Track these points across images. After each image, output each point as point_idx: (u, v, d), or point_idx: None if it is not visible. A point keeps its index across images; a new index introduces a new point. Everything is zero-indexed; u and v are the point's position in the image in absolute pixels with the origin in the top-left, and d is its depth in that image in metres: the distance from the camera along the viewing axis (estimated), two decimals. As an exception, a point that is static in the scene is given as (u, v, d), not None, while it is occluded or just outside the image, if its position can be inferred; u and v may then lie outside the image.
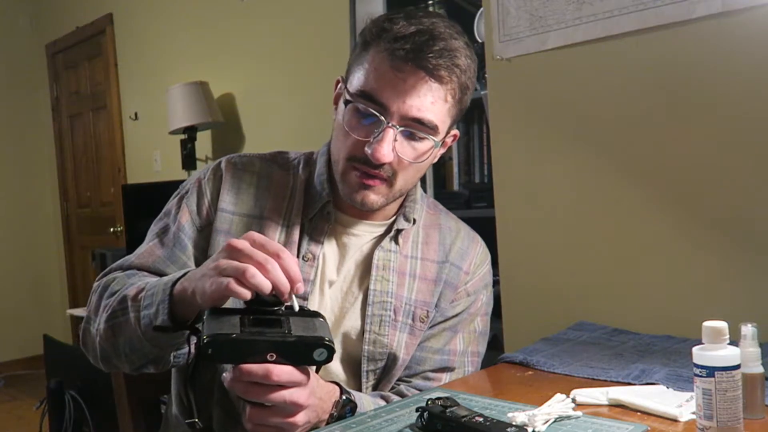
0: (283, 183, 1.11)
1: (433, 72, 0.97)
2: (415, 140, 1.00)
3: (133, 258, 1.08)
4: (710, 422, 0.77)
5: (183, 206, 1.09)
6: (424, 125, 0.99)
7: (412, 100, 0.97)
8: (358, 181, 1.01)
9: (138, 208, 3.44)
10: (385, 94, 0.97)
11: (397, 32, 0.97)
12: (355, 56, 1.03)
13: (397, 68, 0.96)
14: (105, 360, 1.01)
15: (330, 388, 0.95)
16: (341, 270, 1.09)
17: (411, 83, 0.96)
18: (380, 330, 1.07)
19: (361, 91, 0.99)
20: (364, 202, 1.02)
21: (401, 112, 0.97)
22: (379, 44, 0.98)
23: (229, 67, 3.41)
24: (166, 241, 1.07)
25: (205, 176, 1.11)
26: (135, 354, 0.96)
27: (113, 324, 0.97)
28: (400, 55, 0.96)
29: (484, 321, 1.18)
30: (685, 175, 1.40)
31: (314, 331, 0.83)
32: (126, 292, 0.97)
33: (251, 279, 0.80)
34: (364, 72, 0.99)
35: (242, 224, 1.07)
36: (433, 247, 1.14)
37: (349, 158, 1.01)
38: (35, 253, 5.02)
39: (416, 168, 1.04)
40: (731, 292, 1.35)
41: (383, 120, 0.97)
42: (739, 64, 1.32)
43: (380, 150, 0.96)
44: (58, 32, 4.78)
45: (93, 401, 2.67)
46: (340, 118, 1.03)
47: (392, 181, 1.02)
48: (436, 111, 0.99)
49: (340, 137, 1.03)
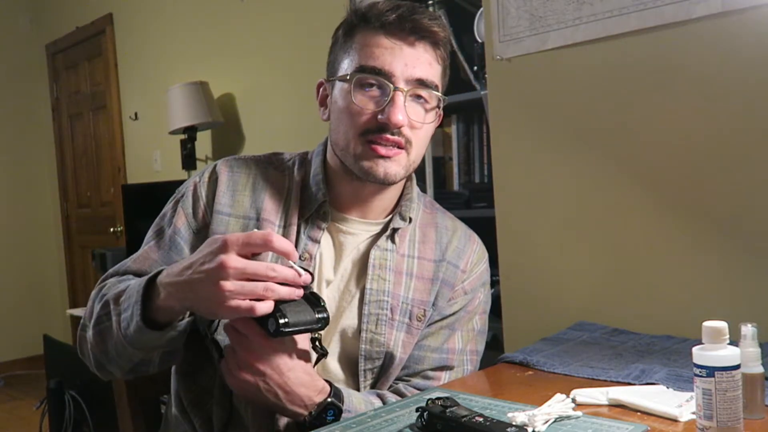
0: (279, 184, 1.11)
1: (428, 29, 1.02)
2: (420, 101, 1.03)
3: (130, 262, 1.09)
4: (710, 422, 0.77)
5: (179, 209, 1.10)
6: (427, 85, 1.02)
7: (413, 62, 1.01)
8: (376, 154, 1.01)
9: (138, 208, 3.44)
10: (386, 61, 1.00)
11: (381, 8, 1.02)
12: (338, 47, 1.07)
13: (392, 35, 1.01)
14: (99, 367, 1.03)
15: (320, 386, 0.96)
16: (338, 269, 1.09)
17: (407, 46, 1.01)
18: (377, 329, 1.07)
19: (360, 66, 1.01)
20: (387, 173, 1.02)
21: (405, 75, 1.00)
22: (366, 23, 1.03)
23: (229, 67, 3.41)
24: (162, 245, 1.08)
25: (200, 179, 1.11)
26: (122, 358, 0.98)
27: (100, 329, 0.99)
28: (392, 21, 1.00)
29: (482, 319, 1.19)
30: (684, 174, 1.40)
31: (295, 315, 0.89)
32: (108, 297, 0.99)
33: (270, 294, 0.85)
34: (357, 51, 1.03)
35: (238, 226, 1.07)
36: (429, 246, 1.14)
37: (363, 133, 1.02)
38: (35, 253, 5.01)
39: (427, 133, 1.06)
40: (731, 292, 1.35)
41: (390, 86, 1.00)
42: (739, 64, 1.32)
43: (395, 113, 0.99)
44: (58, 32, 4.77)
45: (93, 401, 2.67)
46: (341, 103, 1.04)
47: (408, 149, 1.03)
48: (433, 72, 1.04)
49: (345, 120, 1.03)
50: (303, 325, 0.89)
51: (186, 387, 1.10)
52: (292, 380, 0.94)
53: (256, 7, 3.19)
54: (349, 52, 1.04)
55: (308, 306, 0.90)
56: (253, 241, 0.86)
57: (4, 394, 4.42)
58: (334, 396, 0.97)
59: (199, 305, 0.89)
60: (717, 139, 1.36)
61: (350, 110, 1.02)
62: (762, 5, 1.28)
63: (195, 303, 0.89)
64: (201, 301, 0.87)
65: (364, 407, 1.00)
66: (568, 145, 1.58)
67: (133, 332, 0.92)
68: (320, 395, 0.96)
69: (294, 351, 0.94)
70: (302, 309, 0.89)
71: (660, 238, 1.45)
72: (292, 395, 0.94)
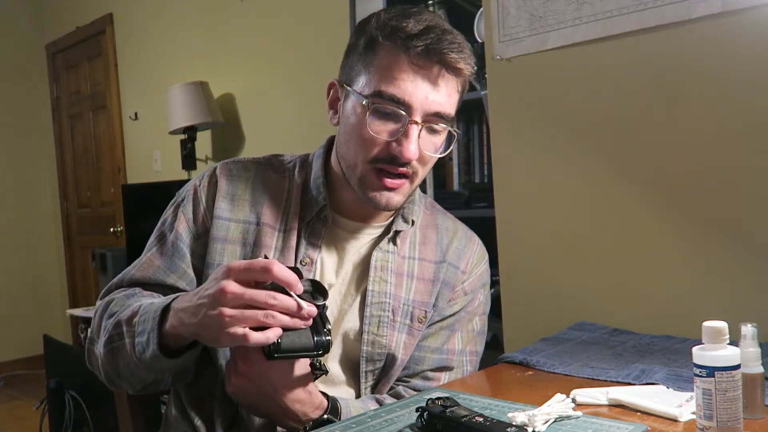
0: (279, 187, 1.10)
1: (453, 65, 0.98)
2: (434, 134, 1.01)
3: (134, 270, 1.08)
4: (710, 422, 0.77)
5: (179, 214, 1.09)
6: (443, 118, 1.00)
7: (434, 95, 0.98)
8: (381, 184, 1.00)
9: (138, 208, 3.44)
10: (408, 91, 0.97)
11: (409, 30, 0.97)
12: (357, 56, 1.02)
13: (417, 64, 0.97)
14: (109, 381, 1.03)
15: (318, 402, 0.96)
16: (340, 273, 1.09)
17: (432, 79, 0.98)
18: (378, 330, 1.07)
19: (380, 91, 0.97)
20: (389, 203, 1.02)
21: (423, 107, 0.98)
22: (392, 42, 0.98)
23: (229, 67, 3.41)
24: (165, 251, 1.07)
25: (200, 183, 1.11)
26: (134, 378, 0.98)
27: (112, 348, 0.98)
28: (419, 51, 0.96)
29: (482, 320, 1.19)
30: (685, 174, 1.40)
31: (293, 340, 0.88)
32: (121, 317, 0.98)
33: (271, 321, 0.84)
34: (378, 72, 0.98)
35: (239, 230, 1.07)
36: (430, 248, 1.14)
37: (372, 161, 1.00)
38: (35, 253, 5.02)
39: (432, 163, 1.05)
40: (731, 292, 1.35)
41: (406, 117, 0.97)
42: (739, 64, 1.32)
43: (408, 148, 0.97)
44: (58, 32, 4.78)
45: (93, 401, 2.67)
46: (353, 120, 1.01)
47: (413, 179, 1.03)
48: (452, 103, 1.01)
49: (356, 141, 1.01)
50: (299, 351, 0.88)
51: (186, 387, 1.10)
52: (288, 397, 0.93)
53: (256, 7, 3.19)
54: (369, 67, 0.99)
55: (309, 330, 0.88)
56: (253, 267, 0.84)
57: (4, 394, 4.42)
58: (331, 412, 0.97)
59: (201, 332, 0.87)
60: (717, 139, 1.36)
61: (362, 135, 0.99)
62: (762, 5, 1.28)
63: (198, 329, 0.87)
64: (203, 328, 0.86)
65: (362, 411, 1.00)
66: (568, 145, 1.58)
67: (149, 358, 0.92)
68: (317, 411, 0.96)
69: (292, 370, 0.93)
70: (301, 333, 0.87)
71: (660, 238, 1.45)
72: (287, 411, 0.94)
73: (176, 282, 1.05)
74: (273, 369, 0.92)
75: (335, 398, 0.99)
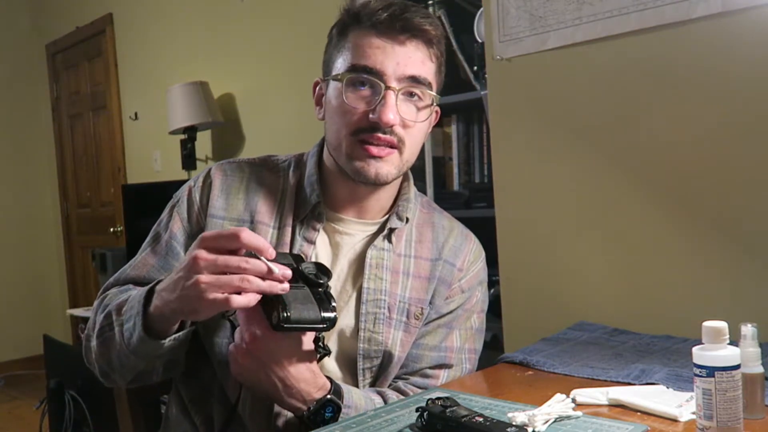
0: (274, 186, 1.12)
1: (419, 28, 1.01)
2: (414, 99, 1.03)
3: (129, 270, 1.10)
4: (710, 422, 0.77)
5: (174, 215, 1.11)
6: (420, 82, 1.02)
7: (405, 59, 1.01)
8: (368, 154, 1.01)
9: (138, 208, 3.44)
10: (378, 60, 1.00)
11: (373, 7, 1.02)
12: (332, 48, 1.07)
13: (384, 34, 1.01)
14: (104, 376, 1.04)
15: (321, 383, 0.96)
16: (335, 269, 1.09)
17: (399, 44, 1.01)
18: (375, 328, 1.07)
19: (352, 65, 1.01)
20: (378, 174, 1.02)
21: (397, 73, 1.00)
22: (359, 23, 1.03)
23: (229, 67, 3.41)
24: (159, 250, 1.09)
25: (195, 184, 1.13)
26: (125, 368, 0.98)
27: (103, 340, 1.00)
28: (384, 21, 1.00)
29: (480, 318, 1.19)
30: (685, 175, 1.40)
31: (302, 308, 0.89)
32: (111, 308, 1.00)
33: (247, 285, 0.84)
34: (350, 51, 1.03)
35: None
36: (426, 245, 1.14)
37: (354, 132, 1.02)
38: (35, 253, 5.02)
39: (421, 132, 1.06)
40: (731, 292, 1.35)
41: (382, 84, 1.00)
42: (739, 64, 1.32)
43: (386, 112, 0.99)
44: (58, 32, 4.78)
45: (93, 401, 2.67)
46: (334, 102, 1.04)
47: (401, 148, 1.03)
48: (426, 70, 1.03)
49: (337, 119, 1.04)
50: (306, 323, 0.89)
51: (187, 385, 1.10)
52: (293, 374, 0.94)
53: (256, 7, 3.19)
54: (342, 51, 1.04)
55: (316, 305, 0.90)
56: (222, 234, 0.86)
57: (4, 394, 4.42)
58: (333, 393, 0.97)
59: (182, 306, 0.88)
60: (717, 139, 1.36)
61: (342, 109, 1.02)
62: (762, 5, 1.28)
63: (179, 304, 0.88)
64: (183, 301, 0.87)
65: (364, 403, 1.00)
66: (568, 145, 1.58)
67: (136, 342, 0.93)
68: (320, 392, 0.96)
69: (299, 346, 0.94)
70: (309, 307, 0.89)
71: (660, 238, 1.45)
72: (292, 389, 0.95)
73: None
74: (280, 346, 0.92)
75: (338, 383, 1.00)
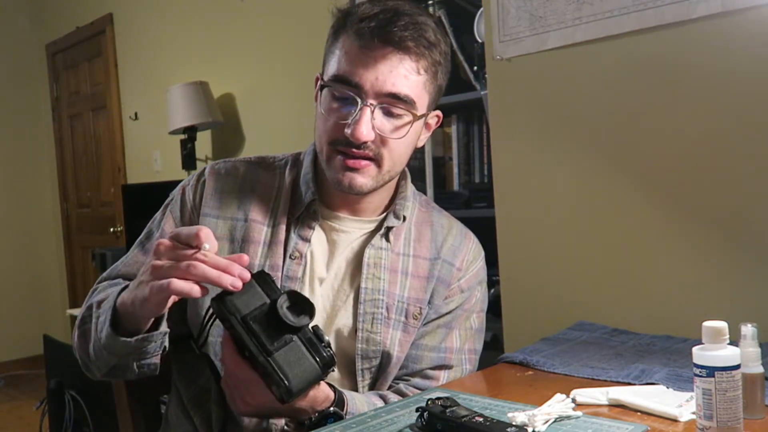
0: (269, 184, 1.12)
1: (400, 44, 0.98)
2: (393, 116, 1.02)
3: (120, 266, 1.11)
4: (710, 422, 0.77)
5: (167, 213, 1.12)
6: (400, 99, 1.00)
7: (384, 76, 0.98)
8: (343, 164, 1.02)
9: (138, 208, 3.44)
10: (358, 74, 0.98)
11: (361, 14, 1.00)
12: (327, 47, 1.06)
13: (366, 46, 0.99)
14: (84, 366, 1.04)
15: (323, 397, 0.96)
16: (331, 267, 1.09)
17: (380, 58, 0.98)
18: (373, 328, 1.07)
19: (334, 75, 1.01)
20: (352, 185, 1.02)
21: (375, 89, 0.99)
22: (346, 29, 1.01)
23: (229, 67, 3.41)
24: (149, 248, 1.10)
25: (189, 183, 1.13)
26: (99, 360, 0.98)
27: (83, 330, 1.01)
28: (366, 33, 0.98)
29: (479, 318, 1.19)
30: (685, 175, 1.40)
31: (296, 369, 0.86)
32: (93, 300, 1.01)
33: (193, 271, 0.82)
34: (336, 58, 1.02)
35: (226, 227, 1.08)
36: (425, 244, 1.14)
37: (331, 142, 1.02)
38: (35, 253, 5.02)
39: (401, 146, 1.04)
40: (731, 292, 1.35)
41: (359, 100, 0.99)
42: (739, 64, 1.32)
43: (359, 129, 0.98)
44: (58, 32, 4.78)
45: (93, 401, 2.67)
46: (319, 108, 1.05)
47: (380, 161, 1.03)
48: (410, 84, 1.00)
49: (320, 124, 1.05)
50: (309, 383, 0.88)
51: (186, 386, 1.10)
52: (300, 402, 0.93)
53: (256, 7, 3.19)
54: (332, 55, 1.03)
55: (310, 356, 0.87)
56: (189, 230, 0.86)
57: (4, 394, 4.42)
58: (337, 404, 0.97)
59: (136, 292, 0.88)
60: (717, 139, 1.36)
61: (324, 117, 1.03)
62: (762, 5, 1.28)
63: (135, 293, 0.88)
64: (138, 289, 0.87)
65: (366, 409, 1.00)
66: (568, 145, 1.58)
67: (104, 337, 0.93)
68: (325, 403, 0.96)
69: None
70: (304, 364, 0.86)
71: (660, 238, 1.45)
72: (298, 411, 0.96)
73: None
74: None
75: (342, 391, 1.00)
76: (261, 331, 0.85)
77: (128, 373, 0.99)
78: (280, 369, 0.85)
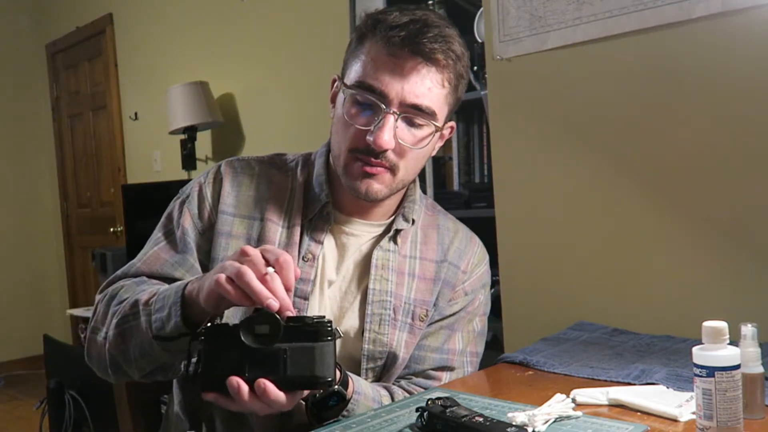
0: (282, 185, 1.12)
1: (429, 56, 0.98)
2: (414, 127, 1.01)
3: (139, 264, 1.07)
4: (710, 422, 0.77)
5: (185, 210, 1.10)
6: (423, 111, 1.00)
7: (410, 86, 0.98)
8: (360, 170, 1.01)
9: (138, 208, 3.44)
10: (384, 82, 0.98)
11: (391, 22, 0.99)
12: (351, 51, 1.05)
13: (394, 55, 0.98)
14: (114, 367, 0.99)
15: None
16: (340, 269, 1.09)
17: (408, 69, 0.98)
18: (380, 329, 1.07)
19: (359, 81, 1.00)
20: (368, 191, 1.02)
21: (400, 98, 0.98)
22: (374, 35, 1.00)
23: (229, 67, 3.41)
24: (173, 246, 1.08)
25: (205, 180, 1.12)
26: (145, 359, 0.94)
27: (124, 329, 0.95)
28: (395, 42, 0.97)
29: (482, 321, 1.19)
30: (684, 175, 1.41)
31: (312, 366, 0.81)
32: (138, 297, 0.96)
33: (241, 278, 0.80)
34: (361, 63, 1.01)
35: (243, 226, 1.08)
36: (431, 247, 1.14)
37: (351, 149, 1.02)
38: (35, 253, 5.01)
39: (417, 157, 1.04)
40: (731, 292, 1.35)
41: (383, 107, 0.98)
42: (739, 64, 1.32)
43: (381, 137, 0.98)
44: (58, 32, 4.77)
45: (93, 401, 2.67)
46: (340, 111, 1.04)
47: (395, 170, 1.03)
48: (433, 97, 1.00)
49: (340, 130, 1.04)
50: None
51: (187, 385, 1.10)
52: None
53: (256, 7, 3.19)
54: (356, 60, 1.02)
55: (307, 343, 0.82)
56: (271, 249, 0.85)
57: (4, 394, 4.42)
58: (341, 383, 0.96)
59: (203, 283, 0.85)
60: (717, 139, 1.36)
61: (344, 123, 1.02)
62: (762, 5, 1.28)
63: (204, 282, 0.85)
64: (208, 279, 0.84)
65: (371, 392, 1.01)
66: (568, 145, 1.58)
67: (169, 332, 0.89)
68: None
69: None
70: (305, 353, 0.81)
71: (660, 238, 1.45)
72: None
73: (184, 275, 1.04)
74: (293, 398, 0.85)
75: (347, 373, 0.99)
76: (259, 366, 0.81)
77: (169, 374, 0.97)
78: (305, 379, 0.81)
